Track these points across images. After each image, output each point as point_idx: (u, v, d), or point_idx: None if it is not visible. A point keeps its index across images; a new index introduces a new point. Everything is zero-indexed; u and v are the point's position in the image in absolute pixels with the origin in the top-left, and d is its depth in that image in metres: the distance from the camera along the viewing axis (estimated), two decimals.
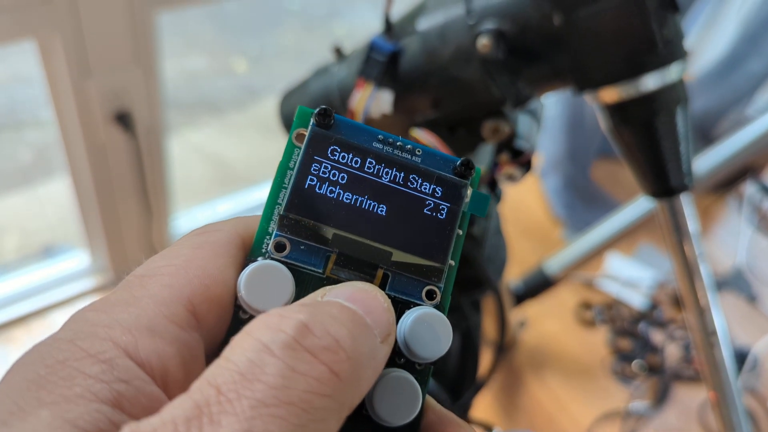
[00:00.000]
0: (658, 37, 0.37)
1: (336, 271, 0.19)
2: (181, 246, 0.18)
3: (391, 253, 0.19)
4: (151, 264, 0.18)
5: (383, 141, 0.20)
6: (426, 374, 0.19)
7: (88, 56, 0.79)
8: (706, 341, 0.41)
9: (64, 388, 0.14)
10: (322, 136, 0.19)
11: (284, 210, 0.19)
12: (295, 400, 0.14)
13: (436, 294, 0.19)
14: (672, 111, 0.39)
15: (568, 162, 1.32)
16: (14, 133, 1.58)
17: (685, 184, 0.40)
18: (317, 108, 0.19)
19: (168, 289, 0.17)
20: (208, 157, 1.58)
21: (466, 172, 0.20)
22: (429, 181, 0.20)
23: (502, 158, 0.45)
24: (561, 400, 1.04)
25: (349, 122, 0.20)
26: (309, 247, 0.19)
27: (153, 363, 0.15)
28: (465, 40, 0.41)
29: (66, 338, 0.15)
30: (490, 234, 0.52)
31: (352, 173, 0.19)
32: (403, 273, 0.19)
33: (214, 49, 1.99)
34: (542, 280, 1.00)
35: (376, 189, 0.19)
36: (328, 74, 0.52)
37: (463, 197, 0.20)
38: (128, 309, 0.16)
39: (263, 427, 0.13)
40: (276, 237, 0.19)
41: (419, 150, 0.20)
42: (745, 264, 1.22)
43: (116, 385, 0.14)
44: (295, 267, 0.19)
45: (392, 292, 0.19)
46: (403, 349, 0.18)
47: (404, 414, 0.18)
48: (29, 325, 1.05)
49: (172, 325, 0.16)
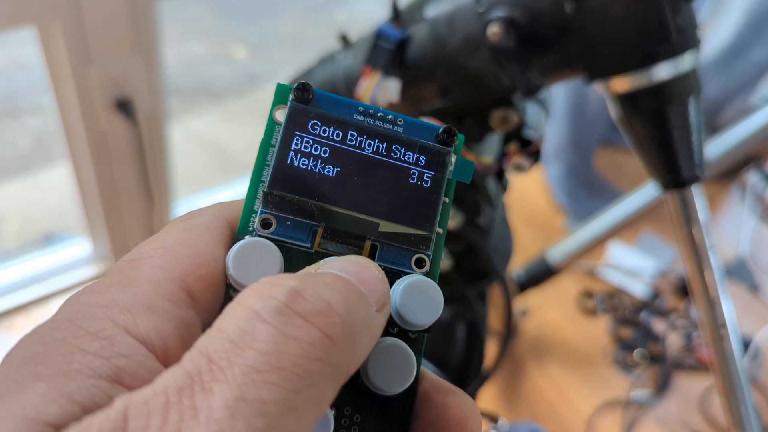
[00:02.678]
0: (671, 26, 0.37)
1: (324, 245, 0.19)
2: (168, 230, 0.18)
3: (377, 223, 0.19)
4: (140, 249, 0.18)
5: (364, 113, 0.20)
6: (420, 342, 0.19)
7: (89, 43, 0.79)
8: (716, 334, 0.41)
9: (63, 363, 0.14)
10: (302, 111, 0.19)
11: (268, 187, 0.19)
12: (288, 365, 0.13)
13: (426, 262, 0.19)
14: (684, 101, 0.38)
15: (571, 150, 1.31)
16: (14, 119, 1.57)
17: (697, 176, 0.39)
18: (295, 83, 0.19)
19: (160, 269, 0.17)
20: (208, 144, 1.57)
21: (448, 140, 0.20)
22: (412, 151, 0.20)
23: (510, 148, 0.44)
24: (562, 388, 1.04)
25: (329, 95, 0.20)
26: (295, 222, 0.19)
27: (153, 340, 0.15)
28: (474, 28, 0.41)
29: (64, 318, 0.15)
30: (496, 224, 0.52)
31: (334, 146, 0.19)
32: (391, 243, 0.19)
33: (214, 36, 1.98)
34: (544, 268, 0.99)
35: (359, 161, 0.19)
36: (333, 62, 0.51)
37: (447, 164, 0.20)
38: (124, 289, 0.16)
39: (256, 394, 0.13)
40: (261, 214, 0.19)
41: (401, 120, 0.20)
42: (747, 253, 1.22)
43: (116, 360, 0.14)
44: (283, 243, 0.19)
45: (381, 263, 0.19)
46: (396, 318, 0.19)
47: (400, 382, 0.18)
48: (30, 313, 1.05)
49: (169, 303, 0.16)
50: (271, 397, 0.13)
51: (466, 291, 0.50)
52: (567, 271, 1.01)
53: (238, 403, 0.13)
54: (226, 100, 1.77)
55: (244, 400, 0.13)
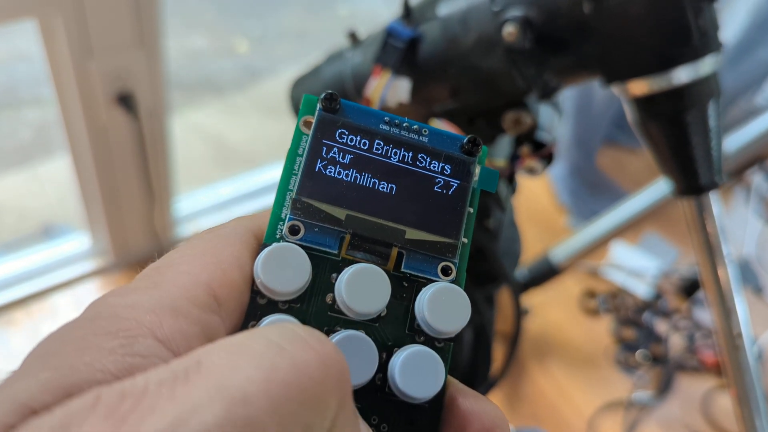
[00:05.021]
0: (693, 28, 0.36)
1: (351, 252, 0.19)
2: (193, 240, 0.18)
3: (404, 231, 0.19)
4: (166, 257, 0.18)
5: (390, 123, 0.20)
6: (446, 352, 0.19)
7: (90, 37, 0.78)
8: (731, 343, 0.40)
9: (75, 357, 0.14)
10: (330, 121, 0.20)
11: (296, 194, 0.19)
12: (279, 378, 0.13)
13: (452, 270, 0.20)
14: (704, 105, 0.37)
15: (574, 149, 1.30)
16: (14, 111, 1.56)
17: (716, 182, 0.38)
18: (323, 93, 0.20)
19: (186, 275, 0.17)
20: (209, 138, 1.56)
21: (473, 150, 0.20)
22: (437, 160, 0.20)
23: (523, 151, 0.43)
24: (564, 388, 1.04)
25: (355, 106, 0.20)
26: (323, 229, 0.19)
27: (178, 341, 0.15)
28: (489, 28, 0.40)
29: (86, 318, 0.15)
30: (504, 226, 0.51)
31: (361, 155, 0.20)
32: (417, 250, 0.19)
33: (216, 30, 1.96)
34: (548, 268, 0.99)
35: (385, 169, 0.20)
36: (341, 60, 0.50)
37: (471, 174, 0.20)
38: (149, 292, 0.16)
39: (240, 387, 0.13)
40: (290, 221, 0.19)
41: (426, 130, 0.20)
42: (752, 255, 1.21)
43: (131, 359, 0.14)
44: (311, 250, 0.19)
45: (408, 270, 0.19)
46: (423, 326, 0.19)
47: (428, 389, 0.18)
48: (29, 307, 1.05)
49: (194, 307, 0.16)
50: (256, 393, 0.13)
51: (474, 294, 0.50)
52: (570, 271, 1.01)
53: (221, 391, 0.13)
54: (228, 94, 1.76)
55: (227, 388, 0.13)
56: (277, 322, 0.18)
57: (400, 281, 0.19)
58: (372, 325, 0.19)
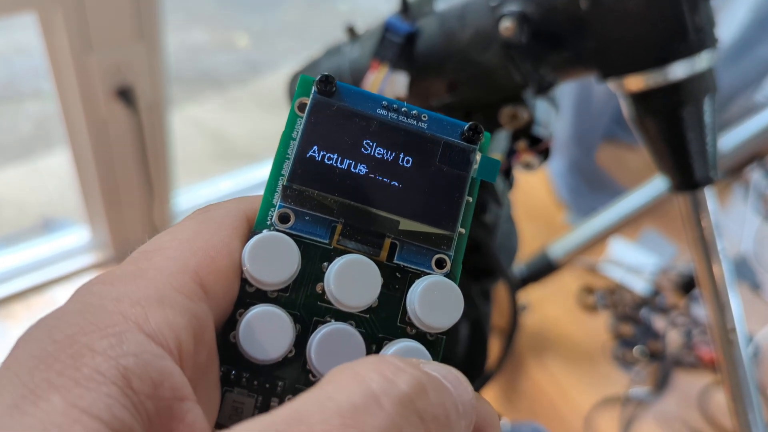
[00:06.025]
0: (689, 23, 0.36)
1: (343, 242, 0.19)
2: (185, 222, 0.18)
3: (398, 221, 0.19)
4: (155, 240, 0.17)
5: (387, 107, 0.19)
6: (438, 346, 0.19)
7: (90, 31, 0.78)
8: (725, 338, 0.40)
9: (73, 369, 0.13)
10: (325, 104, 0.19)
11: (288, 180, 0.18)
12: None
13: (446, 263, 0.19)
14: (699, 101, 0.37)
15: (574, 145, 1.30)
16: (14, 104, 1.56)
17: (710, 178, 0.39)
18: (318, 75, 0.19)
19: (173, 261, 0.16)
20: (209, 133, 1.56)
21: (474, 137, 0.20)
22: (436, 147, 0.19)
23: (520, 146, 0.44)
24: (561, 384, 1.04)
25: (352, 89, 0.19)
26: (314, 217, 0.18)
27: (165, 333, 0.15)
28: (486, 23, 0.40)
29: (74, 311, 0.15)
30: (501, 221, 0.51)
31: (356, 141, 0.19)
32: (411, 242, 0.19)
33: (216, 24, 1.96)
34: (546, 264, 0.99)
35: (381, 157, 0.19)
36: (339, 54, 0.50)
37: (471, 163, 0.19)
38: (135, 281, 0.16)
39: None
40: (280, 208, 0.18)
41: (425, 115, 0.20)
42: (750, 252, 1.21)
43: (123, 360, 0.14)
44: (301, 238, 0.18)
45: (401, 261, 0.19)
46: (414, 319, 0.18)
47: None
48: (29, 300, 1.05)
49: (181, 295, 0.16)
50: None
51: (470, 289, 0.50)
52: (567, 267, 1.01)
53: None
54: (228, 88, 1.76)
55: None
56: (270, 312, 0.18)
57: (393, 272, 0.19)
58: (363, 316, 0.18)
